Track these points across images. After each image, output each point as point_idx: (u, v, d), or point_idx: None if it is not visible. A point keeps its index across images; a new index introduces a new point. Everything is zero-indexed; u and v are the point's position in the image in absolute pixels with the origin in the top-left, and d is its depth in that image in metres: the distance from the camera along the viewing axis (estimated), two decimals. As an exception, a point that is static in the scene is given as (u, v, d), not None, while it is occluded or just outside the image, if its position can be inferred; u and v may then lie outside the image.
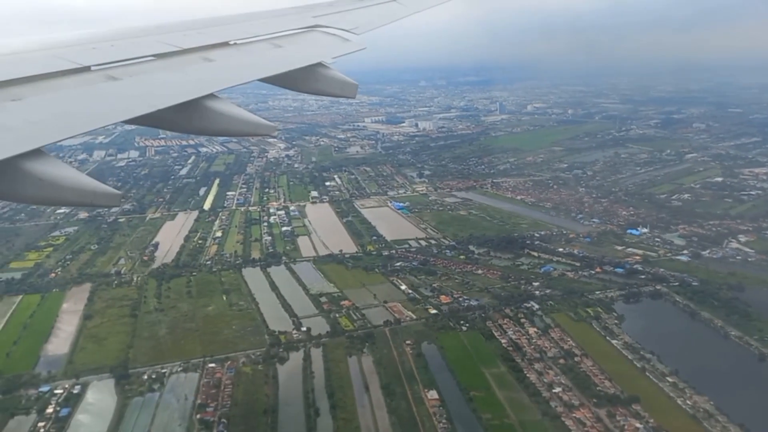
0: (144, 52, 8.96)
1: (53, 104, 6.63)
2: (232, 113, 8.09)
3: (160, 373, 55.91)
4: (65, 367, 57.51)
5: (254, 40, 10.99)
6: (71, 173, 6.06)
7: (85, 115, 6.70)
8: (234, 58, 9.98)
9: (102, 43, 9.24)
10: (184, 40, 9.90)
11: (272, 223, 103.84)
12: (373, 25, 13.68)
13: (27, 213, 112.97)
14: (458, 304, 67.83)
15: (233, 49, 10.36)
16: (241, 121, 8.15)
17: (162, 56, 9.02)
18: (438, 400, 49.45)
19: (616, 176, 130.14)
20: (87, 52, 8.49)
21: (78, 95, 7.07)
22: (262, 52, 10.64)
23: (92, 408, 50.95)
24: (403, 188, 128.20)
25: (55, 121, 6.35)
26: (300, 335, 62.50)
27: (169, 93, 7.72)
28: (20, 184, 5.65)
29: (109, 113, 6.97)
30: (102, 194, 6.12)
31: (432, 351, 58.44)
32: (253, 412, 49.62)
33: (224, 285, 77.00)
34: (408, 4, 15.71)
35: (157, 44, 9.41)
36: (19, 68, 7.20)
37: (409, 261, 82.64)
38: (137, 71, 8.22)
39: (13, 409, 50.73)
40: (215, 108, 7.96)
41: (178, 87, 8.12)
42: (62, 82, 7.24)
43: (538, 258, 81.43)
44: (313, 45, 11.76)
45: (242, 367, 56.44)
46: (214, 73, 8.98)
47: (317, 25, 12.70)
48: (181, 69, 8.87)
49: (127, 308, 70.35)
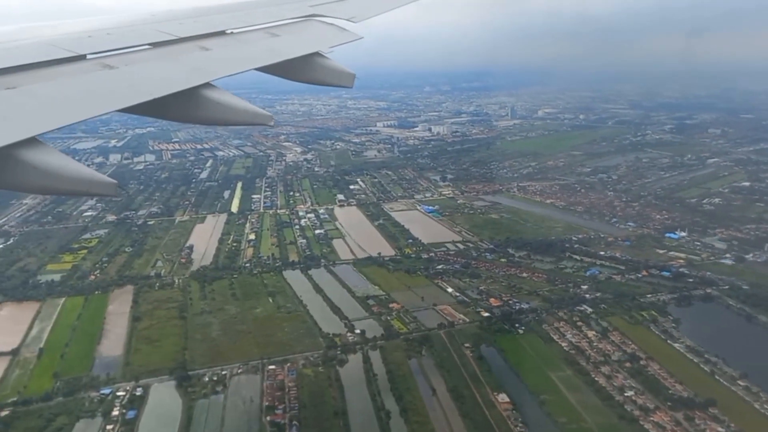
0: (140, 40, 8.85)
1: (49, 93, 6.53)
2: (228, 102, 7.97)
3: (221, 375, 55.41)
4: (123, 369, 56.98)
5: (251, 29, 10.87)
6: (67, 162, 5.93)
7: (81, 104, 6.58)
8: (230, 47, 9.83)
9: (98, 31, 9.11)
10: (181, 28, 9.78)
11: (304, 226, 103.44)
12: (370, 14, 13.47)
13: (54, 216, 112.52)
14: (509, 307, 67.43)
15: (230, 38, 10.20)
16: (238, 110, 8.03)
17: (158, 45, 8.88)
18: (509, 404, 48.99)
19: (642, 180, 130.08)
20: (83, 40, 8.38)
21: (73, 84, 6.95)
22: (259, 41, 10.48)
23: (158, 410, 50.37)
24: (428, 192, 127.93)
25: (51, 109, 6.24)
26: (355, 338, 62.04)
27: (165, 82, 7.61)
28: (16, 172, 5.56)
29: (104, 102, 6.83)
30: (98, 183, 6.03)
31: (492, 354, 58.01)
32: (323, 414, 49.07)
33: (267, 287, 76.53)
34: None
35: (153, 33, 9.29)
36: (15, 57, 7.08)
37: (451, 264, 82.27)
38: (133, 60, 8.10)
39: (78, 411, 50.16)
40: (212, 97, 7.85)
41: (174, 76, 7.98)
42: (58, 70, 7.11)
43: (580, 261, 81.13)
44: (311, 34, 11.64)
45: (303, 369, 55.94)
46: (210, 62, 8.83)
47: (314, 14, 12.55)
48: (177, 58, 8.73)
49: (175, 310, 69.85)
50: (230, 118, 8.09)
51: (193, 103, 7.79)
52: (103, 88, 7.10)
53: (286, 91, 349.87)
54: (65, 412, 49.94)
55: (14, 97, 6.17)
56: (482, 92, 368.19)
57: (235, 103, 8.07)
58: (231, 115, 8.00)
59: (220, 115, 7.94)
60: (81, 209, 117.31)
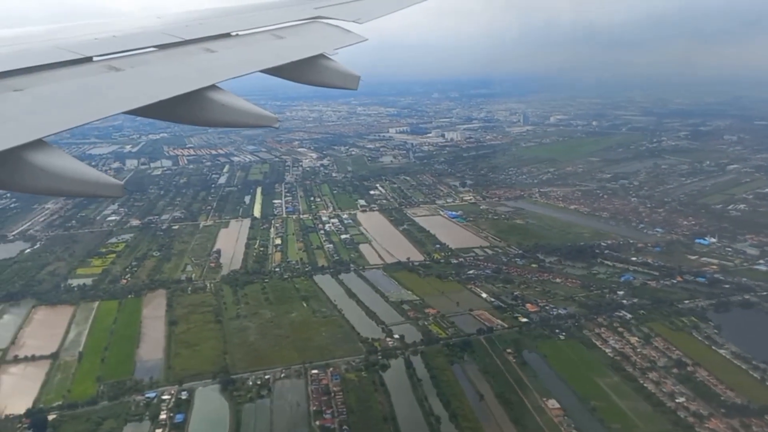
0: (146, 43, 8.87)
1: (55, 95, 6.55)
2: (234, 104, 7.96)
3: (264, 379, 55.19)
4: (165, 372, 56.85)
5: (256, 31, 10.87)
6: (73, 164, 5.92)
7: (87, 106, 6.60)
8: (236, 50, 9.87)
9: (104, 34, 9.13)
10: (186, 31, 9.80)
11: (329, 231, 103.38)
12: (374, 15, 13.42)
13: (78, 220, 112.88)
14: (547, 313, 67.06)
15: (235, 40, 10.24)
16: (243, 112, 8.02)
17: (164, 47, 8.90)
18: (560, 410, 48.61)
19: (663, 186, 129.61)
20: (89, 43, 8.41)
21: (80, 86, 6.97)
22: (264, 43, 10.50)
23: (205, 414, 50.19)
24: (449, 197, 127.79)
25: (57, 111, 6.26)
26: (394, 342, 61.78)
27: (170, 84, 7.62)
28: (22, 174, 5.56)
29: (110, 104, 6.85)
30: (104, 185, 6.01)
31: (535, 359, 57.64)
32: (372, 419, 48.78)
33: (300, 292, 76.42)
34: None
35: (159, 35, 9.32)
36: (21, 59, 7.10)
37: (481, 269, 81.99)
38: (139, 62, 8.12)
39: (125, 415, 50.03)
40: (217, 99, 7.85)
41: (179, 78, 8.00)
42: (64, 72, 7.15)
43: (613, 267, 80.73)
44: (315, 36, 11.65)
45: (346, 374, 55.67)
46: (215, 64, 8.84)
47: (319, 16, 12.52)
48: (182, 60, 8.75)
49: (210, 314, 69.77)
50: (235, 119, 8.07)
51: (199, 105, 7.82)
52: (109, 90, 7.15)
53: (295, 97, 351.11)
54: (112, 416, 49.81)
55: (21, 99, 6.20)
56: (491, 99, 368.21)
57: (240, 104, 8.09)
58: (236, 116, 8.01)
59: (226, 116, 7.95)
60: (104, 213, 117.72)
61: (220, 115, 7.91)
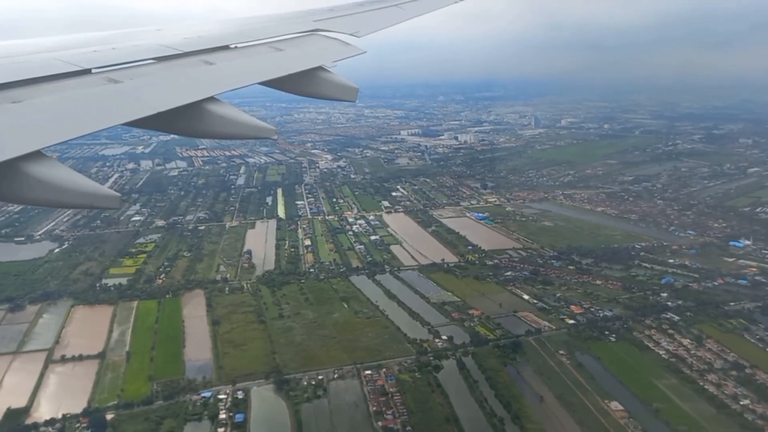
0: (145, 55, 8.91)
1: (53, 106, 6.57)
2: (232, 116, 7.97)
3: (318, 379, 54.73)
4: (217, 372, 56.41)
5: (255, 43, 10.91)
6: (71, 175, 5.95)
7: (86, 117, 6.64)
8: (234, 62, 9.87)
9: (103, 45, 9.17)
10: (185, 43, 9.85)
11: (357, 232, 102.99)
12: (373, 29, 13.49)
13: (103, 220, 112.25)
14: (593, 315, 66.69)
15: (234, 52, 10.26)
16: (242, 124, 8.02)
17: (163, 59, 8.93)
18: (624, 412, 48.21)
19: (687, 189, 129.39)
20: (88, 54, 8.43)
21: (78, 97, 7.00)
22: (263, 55, 10.50)
23: (264, 414, 49.75)
24: (473, 199, 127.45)
25: (56, 123, 6.30)
26: (443, 344, 61.36)
27: (169, 96, 7.66)
28: (20, 185, 5.58)
29: (109, 115, 6.88)
30: (102, 196, 6.03)
31: (589, 361, 57.24)
32: (434, 419, 48.33)
33: (338, 293, 76.00)
34: (408, 9, 15.52)
35: (158, 47, 9.36)
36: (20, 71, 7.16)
37: (518, 271, 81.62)
38: (138, 74, 8.14)
39: (183, 414, 49.58)
40: (216, 111, 7.86)
41: (178, 90, 8.04)
42: (63, 84, 7.18)
43: (651, 269, 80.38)
44: (314, 49, 11.66)
45: (400, 375, 55.24)
46: (214, 76, 8.87)
47: (318, 29, 12.55)
48: (181, 72, 8.77)
49: (252, 314, 69.34)
50: (234, 131, 8.04)
51: (197, 117, 7.79)
52: (107, 102, 7.15)
53: (300, 100, 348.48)
54: (170, 416, 49.36)
55: (19, 111, 6.20)
56: (497, 102, 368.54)
57: (238, 116, 8.04)
58: (235, 128, 7.98)
59: (224, 128, 7.92)
60: (128, 214, 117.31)
61: (218, 127, 7.88)
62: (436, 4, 16.90)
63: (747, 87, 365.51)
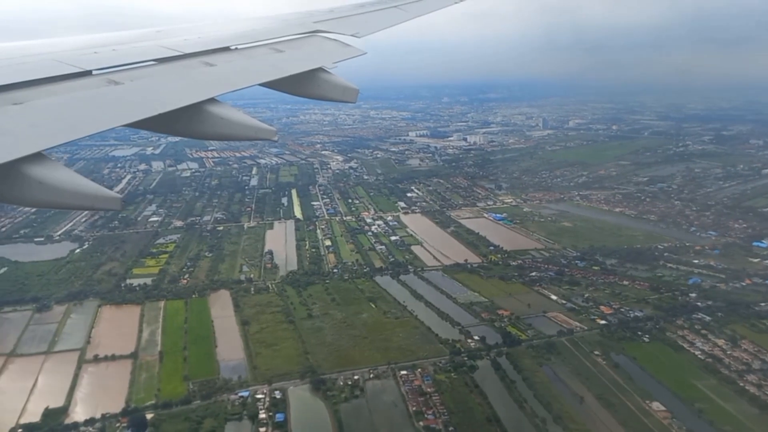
0: (145, 56, 8.95)
1: (55, 108, 6.61)
2: (232, 117, 8.00)
3: (353, 379, 54.55)
4: (251, 372, 56.23)
5: (255, 44, 10.94)
6: (72, 177, 5.96)
7: (87, 119, 6.67)
8: (235, 63, 9.90)
9: (103, 47, 9.20)
10: (186, 44, 9.89)
11: (376, 233, 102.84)
12: (373, 29, 13.49)
13: (120, 221, 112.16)
14: (624, 315, 66.49)
15: (234, 53, 10.29)
16: (242, 126, 8.06)
17: (163, 61, 8.96)
18: (666, 412, 47.98)
19: (703, 190, 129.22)
20: (89, 56, 8.47)
21: (79, 99, 7.04)
22: (263, 56, 10.52)
23: (304, 413, 49.56)
24: (489, 200, 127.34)
25: (57, 124, 6.32)
26: (475, 344, 61.18)
27: (170, 97, 7.70)
28: (21, 187, 5.60)
29: (110, 117, 6.89)
30: (103, 198, 6.04)
31: (625, 362, 57.00)
32: (475, 420, 48.12)
33: (364, 293, 75.83)
34: (409, 10, 15.59)
35: (159, 49, 9.40)
36: (21, 72, 7.20)
37: (543, 271, 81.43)
38: (139, 75, 8.19)
39: (222, 414, 49.41)
40: (216, 112, 7.90)
41: (179, 91, 8.07)
42: (64, 86, 7.21)
43: (676, 270, 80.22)
44: (314, 50, 11.67)
45: (436, 375, 55.05)
46: (214, 77, 8.90)
47: (318, 30, 12.54)
48: (182, 73, 8.81)
49: (280, 315, 69.18)
50: (234, 133, 8.07)
51: (198, 118, 7.83)
52: (108, 104, 7.18)
53: (304, 101, 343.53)
54: (210, 415, 49.20)
55: (20, 113, 6.21)
56: (502, 103, 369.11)
57: (239, 118, 8.07)
58: (235, 130, 8.01)
59: (225, 130, 7.94)
60: (145, 215, 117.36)
61: (218, 129, 7.91)
62: (436, 5, 16.98)
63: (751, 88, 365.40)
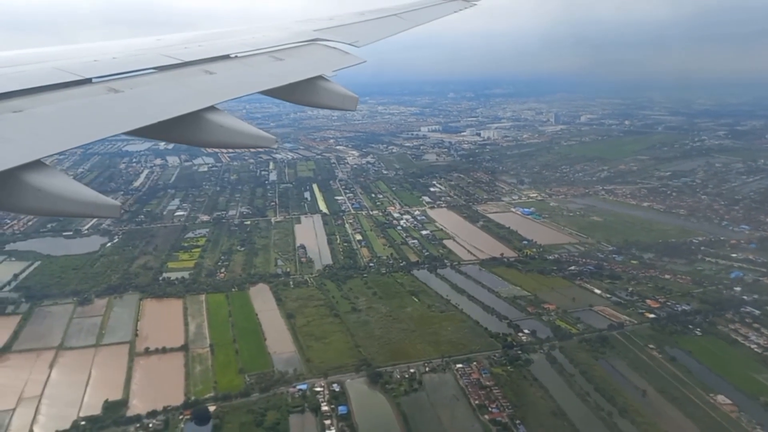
0: (145, 64, 8.99)
1: (54, 116, 6.62)
2: (232, 126, 8.02)
3: (410, 372, 54.25)
4: (306, 365, 55.88)
5: (255, 52, 10.98)
6: (71, 184, 5.97)
7: (86, 127, 6.68)
8: (235, 71, 9.93)
9: (103, 55, 9.22)
10: (185, 52, 9.95)
11: (406, 228, 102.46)
12: (373, 38, 13.49)
13: (146, 215, 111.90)
14: (671, 309, 66.20)
15: (234, 61, 10.33)
16: (242, 134, 8.05)
17: (163, 69, 9.01)
18: (733, 406, 47.74)
19: (728, 185, 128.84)
20: (88, 64, 8.51)
21: (79, 107, 7.06)
22: (263, 64, 10.54)
23: (365, 406, 49.23)
24: (513, 194, 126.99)
25: (56, 132, 6.32)
26: (527, 338, 60.89)
27: (169, 105, 7.74)
28: (20, 195, 5.61)
29: (110, 125, 6.93)
30: (102, 205, 6.00)
31: (681, 355, 56.70)
32: (540, 413, 47.85)
33: (404, 287, 75.49)
34: (408, 18, 15.69)
35: (158, 57, 9.45)
36: (21, 80, 7.22)
37: (581, 265, 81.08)
38: (138, 84, 8.24)
39: (284, 406, 49.12)
40: (215, 120, 7.95)
41: (178, 99, 8.11)
42: (63, 94, 7.24)
43: (716, 264, 79.92)
44: (314, 58, 11.69)
45: (492, 369, 54.76)
46: (214, 85, 8.92)
47: (318, 38, 12.60)
48: (181, 81, 8.83)
49: (324, 308, 68.89)
50: (234, 141, 8.04)
51: (197, 126, 7.83)
52: (108, 112, 7.19)
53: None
54: (272, 407, 48.93)
55: (20, 121, 6.23)
56: (509, 99, 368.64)
57: (238, 126, 8.06)
58: (235, 138, 8.00)
59: (224, 138, 7.95)
60: (170, 209, 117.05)
61: (218, 137, 7.92)
62: (435, 14, 16.92)
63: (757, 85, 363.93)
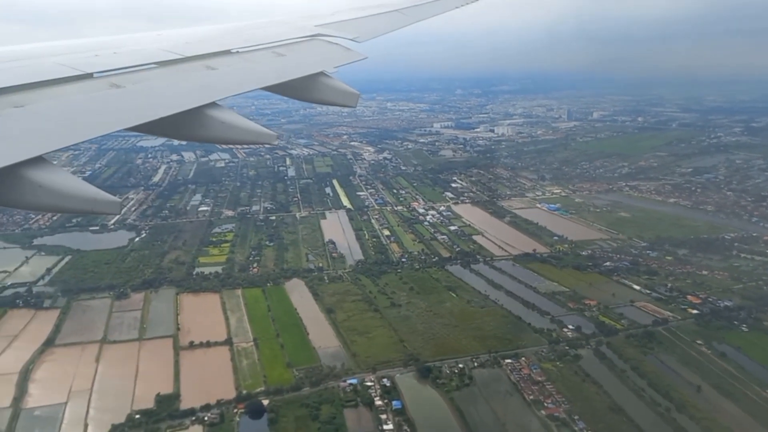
0: (147, 59, 8.95)
1: (55, 111, 6.60)
2: (233, 122, 7.99)
3: (459, 367, 53.95)
4: (353, 360, 55.68)
5: (256, 48, 10.92)
6: (72, 181, 5.95)
7: (88, 122, 6.66)
8: (236, 67, 9.89)
9: (105, 50, 9.22)
10: (187, 48, 9.89)
11: (433, 223, 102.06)
12: (374, 34, 13.43)
13: (170, 210, 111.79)
14: (714, 305, 65.74)
15: (235, 57, 10.27)
16: (243, 130, 8.05)
17: (164, 64, 8.96)
18: (791, 400, 47.37)
19: (752, 181, 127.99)
20: (90, 59, 8.50)
21: (80, 102, 7.03)
22: (265, 60, 10.50)
23: (418, 401, 49.01)
24: (536, 190, 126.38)
25: (58, 128, 6.32)
26: (572, 333, 60.52)
27: (171, 101, 7.73)
28: (21, 191, 5.59)
29: (111, 120, 6.89)
30: (102, 201, 5.99)
31: (730, 351, 56.27)
32: (597, 409, 47.51)
33: (440, 282, 75.17)
34: (410, 14, 15.63)
35: (160, 52, 9.41)
36: (22, 75, 7.19)
37: (616, 261, 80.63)
38: (140, 79, 8.20)
39: (337, 401, 48.91)
40: (216, 116, 7.90)
41: (180, 95, 8.10)
42: (65, 89, 7.20)
43: (752, 259, 79.39)
44: (315, 54, 11.63)
45: (542, 364, 54.42)
46: (216, 81, 8.90)
47: (319, 34, 12.50)
48: (183, 77, 8.81)
49: (362, 303, 68.64)
50: (235, 137, 8.10)
51: (199, 122, 7.81)
52: (109, 107, 7.18)
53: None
54: (325, 402, 48.72)
55: (21, 116, 6.20)
56: (517, 95, 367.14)
57: (240, 122, 8.06)
58: (236, 134, 8.03)
59: (225, 134, 7.97)
60: (192, 204, 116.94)
61: (220, 133, 7.90)
62: (437, 10, 16.76)
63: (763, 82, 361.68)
